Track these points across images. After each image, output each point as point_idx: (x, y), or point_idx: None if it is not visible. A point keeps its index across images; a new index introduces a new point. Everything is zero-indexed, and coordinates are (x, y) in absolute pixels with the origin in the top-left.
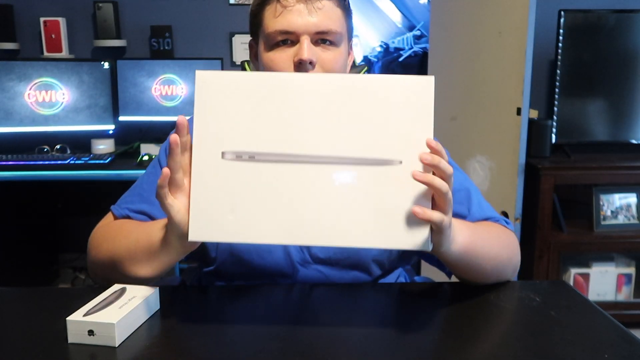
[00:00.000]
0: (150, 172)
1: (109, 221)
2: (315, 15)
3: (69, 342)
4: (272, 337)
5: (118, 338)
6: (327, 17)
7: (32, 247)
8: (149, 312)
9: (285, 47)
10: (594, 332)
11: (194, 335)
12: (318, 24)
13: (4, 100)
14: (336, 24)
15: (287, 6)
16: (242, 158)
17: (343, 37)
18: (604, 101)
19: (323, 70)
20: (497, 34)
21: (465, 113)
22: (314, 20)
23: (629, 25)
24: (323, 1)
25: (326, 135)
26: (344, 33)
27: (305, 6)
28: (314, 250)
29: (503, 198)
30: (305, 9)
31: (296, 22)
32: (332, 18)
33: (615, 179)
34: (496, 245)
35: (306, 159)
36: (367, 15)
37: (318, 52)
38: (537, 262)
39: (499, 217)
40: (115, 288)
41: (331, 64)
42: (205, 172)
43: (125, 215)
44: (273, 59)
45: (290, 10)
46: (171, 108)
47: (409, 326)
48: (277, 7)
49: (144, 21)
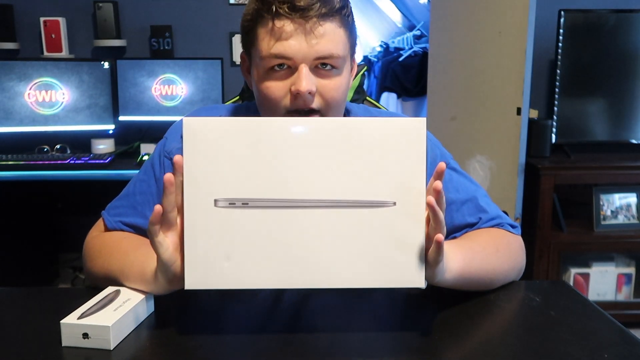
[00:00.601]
0: (143, 180)
1: (102, 230)
2: (316, 39)
3: (63, 345)
4: (270, 339)
5: (113, 341)
6: (329, 40)
7: (32, 247)
8: (143, 315)
9: (282, 72)
10: (594, 332)
11: (189, 338)
12: (319, 50)
13: (4, 100)
14: (338, 47)
15: (284, 30)
16: (235, 205)
17: (346, 60)
18: (604, 101)
19: (323, 99)
20: (497, 34)
21: (465, 113)
22: (314, 46)
23: (629, 25)
24: (325, 24)
25: (319, 179)
26: (347, 55)
27: (304, 29)
28: None
29: (503, 198)
30: (304, 33)
31: (293, 47)
32: (335, 41)
33: (615, 179)
34: (494, 259)
35: (300, 203)
36: (367, 15)
37: (318, 79)
38: (537, 262)
39: (504, 219)
40: (109, 290)
41: (331, 92)
42: (199, 220)
43: (118, 228)
44: (269, 87)
45: (288, 33)
46: (171, 108)
47: (409, 326)
48: (272, 27)
49: (144, 21)
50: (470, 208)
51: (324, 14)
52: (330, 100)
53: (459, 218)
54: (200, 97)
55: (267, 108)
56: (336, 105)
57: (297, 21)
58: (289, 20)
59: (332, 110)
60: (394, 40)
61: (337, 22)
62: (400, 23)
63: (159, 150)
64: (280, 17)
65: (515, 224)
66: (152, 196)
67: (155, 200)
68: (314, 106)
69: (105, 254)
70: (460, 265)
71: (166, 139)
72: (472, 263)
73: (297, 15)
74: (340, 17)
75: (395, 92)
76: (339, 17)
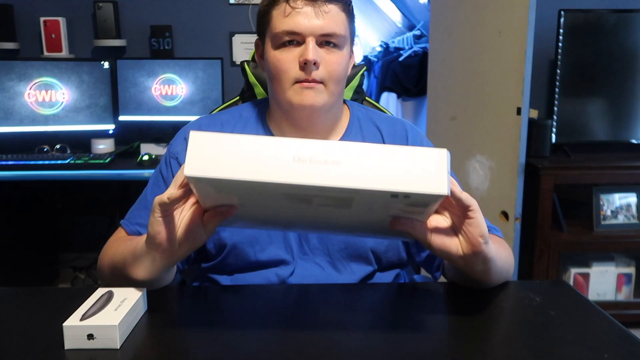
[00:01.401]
0: (154, 184)
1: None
2: (322, 18)
3: (66, 348)
4: (271, 335)
5: (120, 339)
6: (333, 20)
7: (32, 247)
8: (141, 313)
9: (292, 47)
10: (594, 332)
11: (191, 333)
12: (324, 27)
13: (4, 100)
14: (340, 27)
15: (296, 8)
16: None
17: (346, 40)
18: (604, 101)
19: (326, 70)
20: (497, 33)
21: (465, 113)
22: (320, 23)
23: (629, 25)
24: (329, 5)
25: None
26: (347, 37)
27: (313, 9)
28: (314, 242)
29: (503, 198)
30: (312, 12)
31: (303, 23)
32: (337, 22)
33: (615, 178)
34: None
35: None
36: (367, 14)
37: (322, 54)
38: (537, 262)
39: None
40: (101, 292)
41: (334, 65)
42: None
43: (137, 232)
44: (280, 58)
45: (298, 12)
46: (171, 108)
47: (408, 326)
48: (285, 8)
49: (144, 21)
50: None
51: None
52: (332, 73)
53: None
54: (200, 97)
55: (278, 79)
56: (337, 77)
57: (307, 3)
58: (300, 2)
59: (333, 82)
60: (394, 40)
61: (340, 7)
62: (400, 23)
63: (165, 156)
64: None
65: (497, 229)
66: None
67: None
68: (317, 77)
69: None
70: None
71: (171, 145)
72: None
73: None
74: (343, 4)
75: (395, 92)
76: (342, 4)
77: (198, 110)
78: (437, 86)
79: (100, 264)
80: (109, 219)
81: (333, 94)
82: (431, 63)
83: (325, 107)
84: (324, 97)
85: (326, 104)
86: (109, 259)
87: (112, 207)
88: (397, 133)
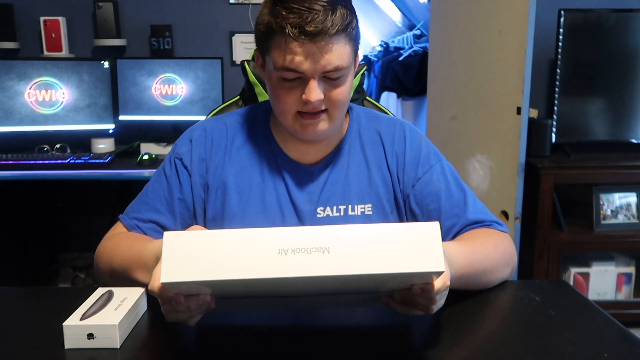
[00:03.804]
0: (155, 181)
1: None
2: (325, 55)
3: (66, 347)
4: (272, 334)
5: (120, 339)
6: (337, 56)
7: (32, 246)
8: (141, 313)
9: (293, 82)
10: (594, 331)
11: (191, 333)
12: (326, 66)
13: (4, 99)
14: (344, 60)
15: (295, 50)
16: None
17: (350, 67)
18: (604, 100)
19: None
20: (497, 33)
21: (465, 112)
22: (323, 62)
23: (629, 25)
24: (332, 44)
25: None
26: (351, 63)
27: (316, 47)
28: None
29: (503, 197)
30: (316, 50)
31: (305, 63)
32: (342, 56)
33: (615, 178)
34: (492, 258)
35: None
36: (367, 14)
37: (325, 87)
38: (537, 261)
39: (492, 219)
40: (101, 291)
41: (337, 96)
42: None
43: (135, 225)
44: (281, 95)
45: (300, 50)
46: (171, 107)
47: (408, 326)
48: (284, 46)
49: (144, 20)
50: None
51: (332, 35)
52: (336, 103)
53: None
54: (200, 96)
55: (280, 110)
56: (341, 105)
57: (307, 44)
58: (299, 42)
59: (337, 110)
60: (394, 39)
61: (343, 40)
62: (400, 22)
63: (169, 154)
64: (292, 39)
65: (501, 222)
66: (163, 191)
67: (165, 195)
68: (320, 108)
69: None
70: (463, 265)
71: (176, 145)
72: (474, 262)
73: (307, 39)
74: (345, 34)
75: (395, 91)
76: (344, 35)
77: (198, 110)
78: (437, 86)
79: (98, 259)
80: (109, 219)
81: (337, 119)
82: (431, 63)
83: (330, 132)
84: (328, 124)
85: (330, 129)
86: (107, 256)
87: (112, 206)
88: (396, 134)
